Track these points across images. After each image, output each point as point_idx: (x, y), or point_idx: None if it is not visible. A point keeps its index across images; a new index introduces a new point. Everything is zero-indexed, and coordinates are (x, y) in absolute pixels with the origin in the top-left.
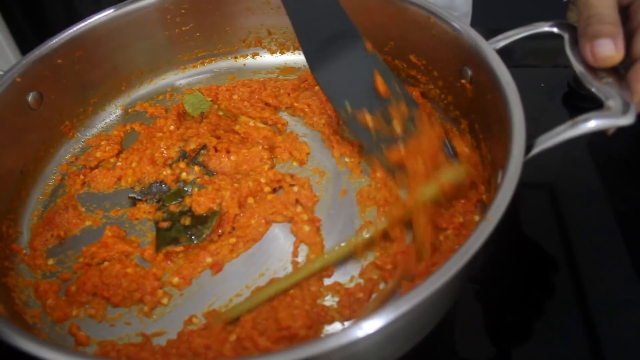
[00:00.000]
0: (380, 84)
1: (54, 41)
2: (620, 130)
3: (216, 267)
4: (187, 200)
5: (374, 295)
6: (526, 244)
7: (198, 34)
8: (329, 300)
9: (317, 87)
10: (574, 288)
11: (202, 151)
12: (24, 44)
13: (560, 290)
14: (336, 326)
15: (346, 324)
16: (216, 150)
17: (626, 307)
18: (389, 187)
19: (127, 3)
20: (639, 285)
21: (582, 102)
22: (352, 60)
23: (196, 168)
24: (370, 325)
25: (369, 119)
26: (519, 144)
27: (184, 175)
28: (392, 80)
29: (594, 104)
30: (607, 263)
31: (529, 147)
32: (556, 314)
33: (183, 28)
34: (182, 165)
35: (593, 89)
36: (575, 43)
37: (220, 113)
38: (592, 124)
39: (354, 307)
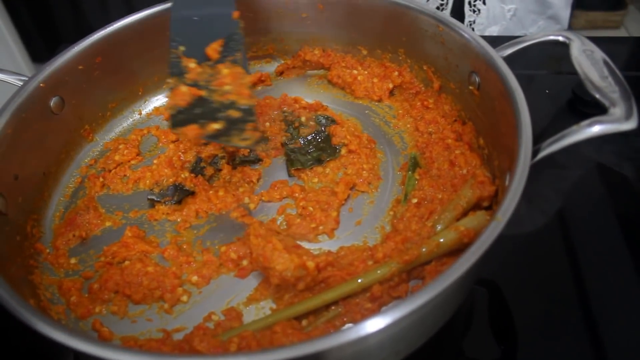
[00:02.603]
0: (211, 50)
1: (75, 48)
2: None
3: (242, 272)
4: None
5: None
6: (531, 248)
7: None
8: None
9: None
10: (577, 289)
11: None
12: (33, 49)
13: (564, 291)
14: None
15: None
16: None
17: (628, 309)
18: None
19: (144, 11)
20: None
21: (587, 107)
22: (211, 17)
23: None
24: (381, 321)
25: (192, 65)
26: (526, 148)
27: None
28: (240, 49)
29: (599, 110)
30: (610, 266)
31: (535, 151)
32: (560, 315)
33: None
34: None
35: (597, 95)
36: (579, 50)
37: None
38: (596, 128)
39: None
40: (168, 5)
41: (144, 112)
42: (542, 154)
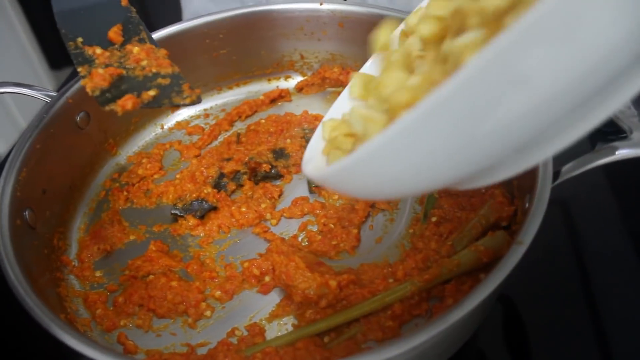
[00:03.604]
0: (113, 34)
1: None
2: None
3: (264, 288)
4: None
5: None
6: (545, 264)
7: (234, 58)
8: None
9: None
10: (588, 308)
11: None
12: (51, 57)
13: (577, 308)
14: None
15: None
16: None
17: None
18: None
19: (162, 30)
20: None
21: (604, 126)
22: (100, 7)
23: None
24: (404, 344)
25: (99, 52)
26: (546, 172)
27: None
28: (141, 29)
29: (616, 127)
30: (623, 282)
31: (555, 174)
32: (573, 333)
33: (220, 52)
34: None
35: (616, 120)
36: None
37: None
38: (616, 154)
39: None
40: (185, 24)
41: (166, 127)
42: (562, 178)
